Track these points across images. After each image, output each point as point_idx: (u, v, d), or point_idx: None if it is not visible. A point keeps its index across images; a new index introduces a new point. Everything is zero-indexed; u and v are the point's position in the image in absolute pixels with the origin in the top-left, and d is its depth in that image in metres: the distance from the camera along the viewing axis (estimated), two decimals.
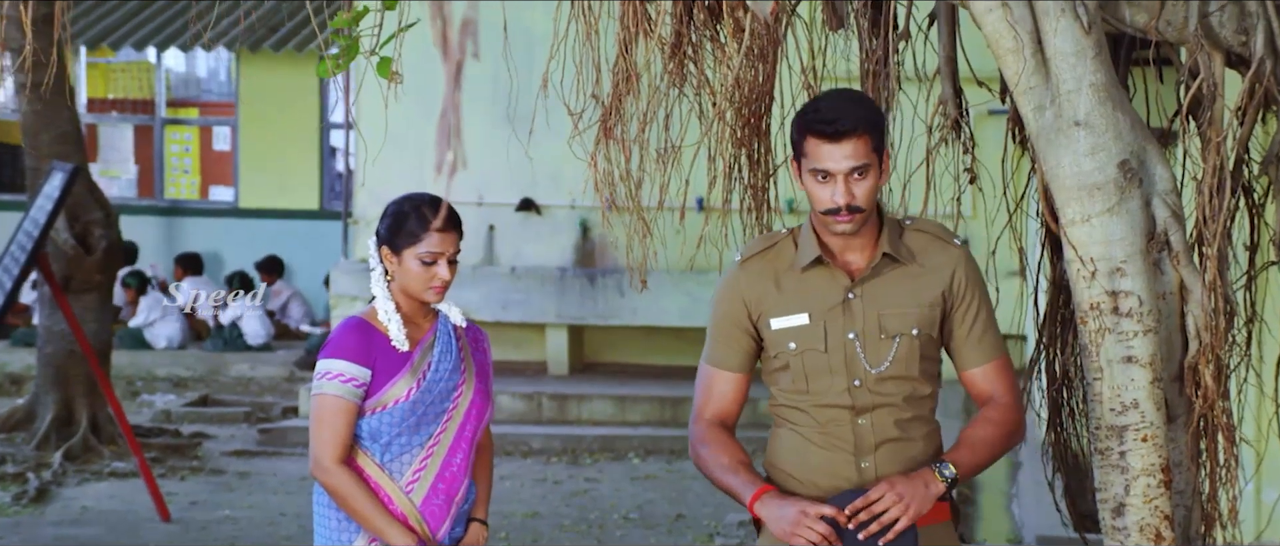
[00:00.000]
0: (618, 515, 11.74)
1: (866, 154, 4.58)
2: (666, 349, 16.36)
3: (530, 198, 16.30)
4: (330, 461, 5.08)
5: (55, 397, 13.31)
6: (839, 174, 4.56)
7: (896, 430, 4.69)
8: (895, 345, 4.68)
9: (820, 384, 4.70)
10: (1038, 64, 4.89)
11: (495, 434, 13.46)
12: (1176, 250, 4.96)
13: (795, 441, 4.75)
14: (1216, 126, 5.02)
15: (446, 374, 5.17)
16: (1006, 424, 4.73)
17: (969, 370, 4.77)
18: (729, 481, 4.70)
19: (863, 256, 4.71)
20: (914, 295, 4.71)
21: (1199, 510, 5.14)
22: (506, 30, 5.57)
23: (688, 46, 5.22)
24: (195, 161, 21.30)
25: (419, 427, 5.14)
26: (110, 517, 11.40)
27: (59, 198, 11.23)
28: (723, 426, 4.80)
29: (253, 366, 17.76)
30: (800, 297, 4.71)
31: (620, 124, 5.06)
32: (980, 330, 4.75)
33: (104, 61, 21.23)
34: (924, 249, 4.75)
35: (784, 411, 4.79)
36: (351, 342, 5.10)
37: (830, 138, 4.56)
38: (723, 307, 4.82)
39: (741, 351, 4.80)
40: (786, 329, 4.72)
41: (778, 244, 4.78)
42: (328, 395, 5.08)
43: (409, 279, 5.09)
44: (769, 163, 5.43)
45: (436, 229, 5.07)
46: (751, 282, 4.77)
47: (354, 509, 5.11)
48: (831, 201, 4.58)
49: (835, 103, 4.64)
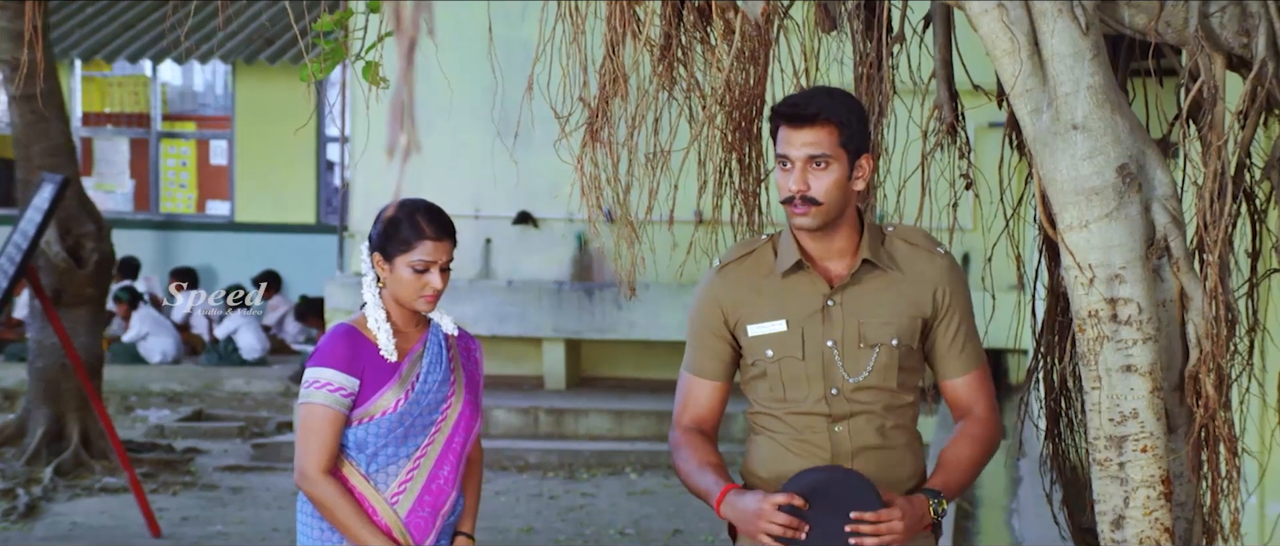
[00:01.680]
0: (613, 530, 11.68)
1: (830, 146, 4.49)
2: (664, 363, 16.27)
3: (527, 211, 16.26)
4: (316, 472, 5.02)
5: (46, 412, 13.23)
6: (797, 160, 4.48)
7: (876, 437, 4.62)
8: (874, 355, 4.61)
9: (797, 392, 4.63)
10: (1034, 66, 4.82)
11: (491, 448, 13.57)
12: (1177, 256, 4.88)
13: (772, 449, 4.67)
14: (1217, 130, 4.93)
15: (435, 385, 5.10)
16: (984, 439, 4.70)
17: (949, 380, 4.72)
18: (698, 483, 4.63)
19: (843, 263, 4.63)
20: (895, 304, 4.63)
21: (1200, 523, 5.06)
22: (493, 40, 5.48)
23: (677, 48, 5.12)
24: (192, 175, 21.24)
25: (406, 439, 5.08)
26: (100, 533, 11.33)
27: (48, 209, 11.16)
28: (698, 432, 4.72)
29: (248, 381, 17.68)
30: (778, 304, 4.63)
31: (608, 127, 4.96)
32: (962, 341, 4.69)
33: (100, 75, 21.16)
34: (907, 257, 4.67)
35: (761, 419, 4.70)
36: (339, 351, 5.03)
37: (792, 122, 4.49)
38: (700, 314, 4.73)
39: (719, 359, 4.72)
40: (764, 335, 4.64)
41: (756, 250, 4.70)
42: (315, 404, 5.02)
43: (401, 287, 5.03)
44: (760, 167, 5.34)
45: (430, 237, 5.01)
46: (728, 289, 4.68)
47: (339, 520, 5.05)
48: (786, 188, 4.51)
49: (808, 91, 4.61)
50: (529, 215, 16.32)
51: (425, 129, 16.02)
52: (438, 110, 15.30)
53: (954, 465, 4.65)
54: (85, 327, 13.21)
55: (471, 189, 15.92)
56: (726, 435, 4.71)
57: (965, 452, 4.67)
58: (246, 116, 20.53)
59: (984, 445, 4.69)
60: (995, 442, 4.73)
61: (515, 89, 5.46)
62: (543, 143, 5.28)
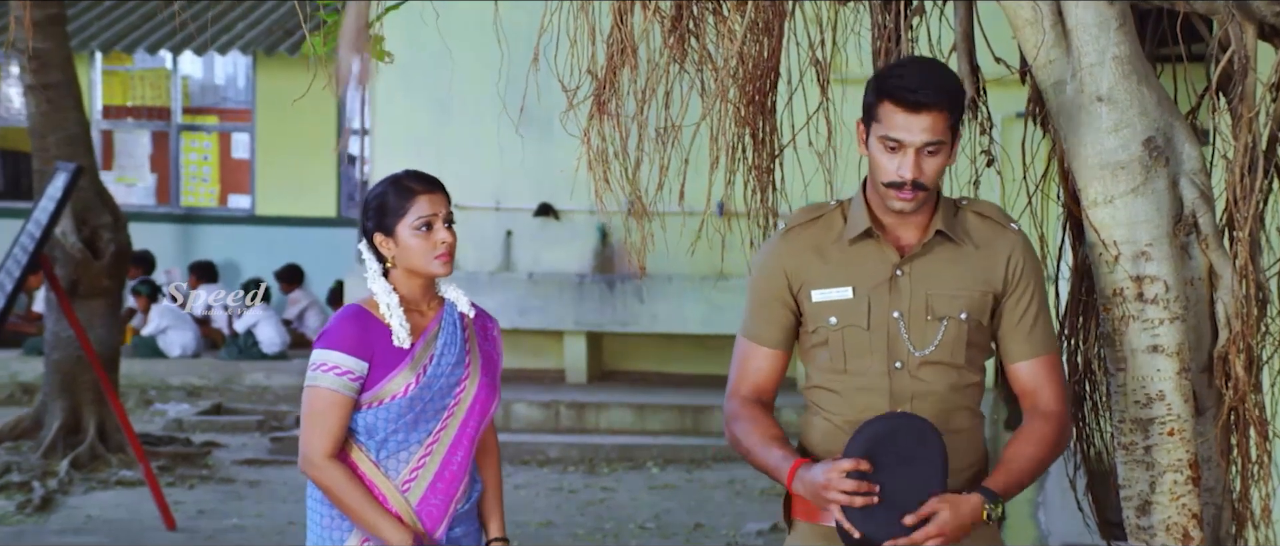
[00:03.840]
0: (634, 524, 11.59)
1: (943, 131, 4.38)
2: (686, 357, 16.20)
3: (548, 203, 16.16)
4: (320, 457, 4.89)
5: (63, 405, 13.13)
6: (911, 147, 4.37)
7: (937, 421, 4.44)
8: (942, 328, 4.48)
9: (859, 363, 4.49)
10: (1058, 36, 4.74)
11: (512, 442, 13.49)
12: (1205, 233, 4.78)
13: (828, 431, 4.54)
14: (1248, 102, 4.82)
15: (449, 368, 4.96)
16: (1051, 438, 4.51)
17: (1015, 363, 4.56)
18: (763, 458, 4.49)
19: (915, 233, 4.51)
20: (966, 277, 4.50)
21: (1230, 509, 4.96)
22: (499, 14, 5.36)
23: (688, 19, 4.97)
24: (215, 169, 21.18)
25: (417, 424, 4.94)
26: (115, 526, 11.26)
27: (61, 197, 11.07)
28: (758, 403, 4.58)
29: (268, 375, 17.60)
30: (845, 270, 4.50)
31: (616, 100, 4.82)
32: (1031, 321, 4.53)
33: (123, 69, 21.12)
34: (980, 230, 4.54)
35: (818, 395, 4.57)
36: (348, 333, 4.90)
37: (909, 107, 4.36)
38: (762, 278, 4.60)
39: (780, 326, 4.58)
40: (827, 302, 4.51)
41: (825, 215, 4.58)
42: (321, 388, 4.89)
43: (411, 256, 4.90)
44: (774, 142, 5.19)
45: (422, 191, 4.88)
46: (794, 252, 4.55)
47: (346, 504, 4.91)
48: (897, 174, 4.38)
49: (921, 71, 4.44)
50: (550, 207, 16.22)
51: (444, 120, 15.95)
52: (458, 102, 15.27)
53: (1016, 465, 4.47)
54: (101, 319, 13.11)
55: (492, 181, 15.85)
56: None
57: (1029, 452, 4.49)
58: (267, 108, 20.48)
59: (1050, 444, 4.51)
60: (1064, 441, 4.57)
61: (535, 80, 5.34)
62: (562, 134, 5.16)
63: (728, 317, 15.38)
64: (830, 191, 5.37)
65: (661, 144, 5.02)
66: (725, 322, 15.49)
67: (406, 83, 15.52)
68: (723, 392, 4.69)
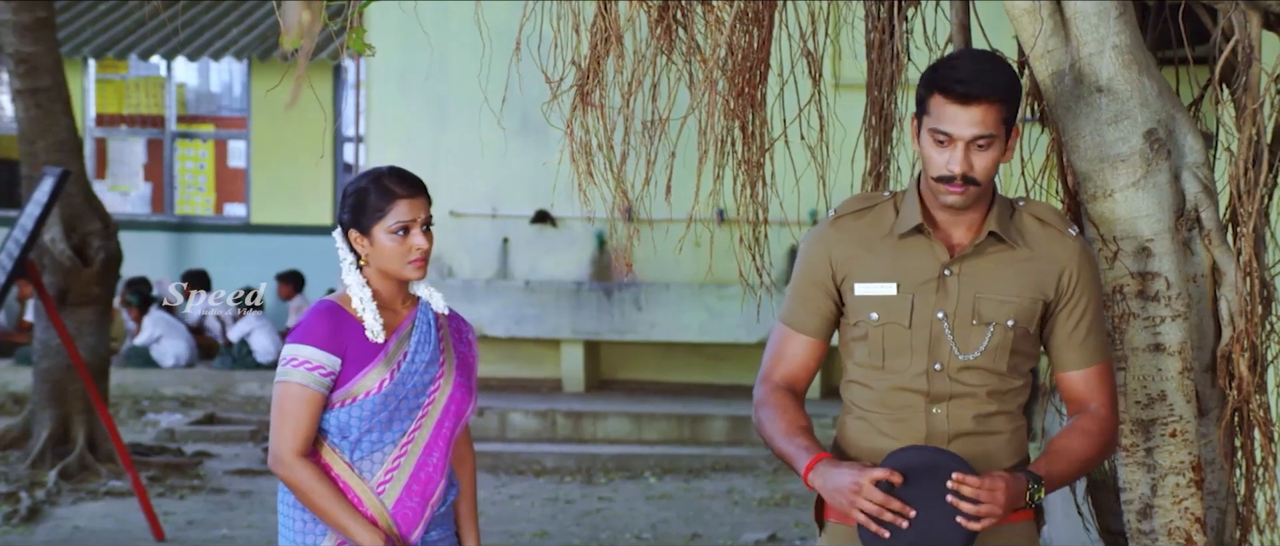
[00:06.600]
0: (630, 535, 11.51)
1: (995, 125, 4.27)
2: (684, 365, 16.12)
3: (545, 210, 16.09)
4: (290, 455, 4.78)
5: (52, 414, 13.03)
6: (960, 140, 4.26)
7: (974, 424, 4.37)
8: (988, 333, 4.36)
9: (898, 362, 4.39)
10: (1056, 25, 4.66)
11: (508, 452, 13.39)
12: (1208, 228, 4.71)
13: (863, 430, 4.44)
14: (1252, 93, 4.75)
15: (423, 365, 4.86)
16: (1101, 436, 4.42)
17: (1067, 372, 4.45)
18: (784, 447, 4.39)
19: (967, 232, 4.39)
20: (1017, 282, 4.38)
21: (1233, 512, 4.89)
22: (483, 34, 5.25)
23: (676, 9, 4.86)
24: (210, 178, 21.13)
25: (391, 423, 4.84)
26: (102, 537, 11.16)
27: (48, 202, 10.97)
28: (788, 391, 4.48)
29: (262, 384, 17.50)
30: (892, 266, 4.40)
31: (599, 90, 4.70)
32: (1085, 331, 4.42)
33: (117, 77, 21.06)
34: (1036, 234, 4.42)
35: (853, 391, 4.47)
36: (321, 328, 4.80)
37: (959, 99, 4.25)
38: (806, 265, 4.49)
39: (820, 314, 4.49)
40: (870, 297, 4.41)
41: (877, 205, 4.48)
42: (292, 383, 4.78)
43: (385, 257, 4.81)
44: (764, 137, 5.08)
45: (403, 195, 4.79)
46: (841, 242, 4.45)
47: (317, 505, 4.80)
48: (946, 168, 4.28)
49: (973, 62, 4.34)
50: (547, 214, 16.15)
51: (440, 127, 15.88)
52: (453, 108, 15.19)
53: (1062, 456, 4.38)
54: (91, 328, 13.02)
55: (488, 188, 15.75)
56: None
57: (1076, 445, 4.39)
58: (262, 115, 20.43)
59: (1099, 443, 4.41)
60: (1112, 444, 4.48)
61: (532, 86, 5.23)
62: (559, 140, 5.08)
63: (726, 325, 15.31)
64: (822, 188, 5.27)
65: (649, 138, 4.91)
66: (723, 330, 15.42)
67: (402, 89, 15.46)
68: (721, 401, 4.60)
